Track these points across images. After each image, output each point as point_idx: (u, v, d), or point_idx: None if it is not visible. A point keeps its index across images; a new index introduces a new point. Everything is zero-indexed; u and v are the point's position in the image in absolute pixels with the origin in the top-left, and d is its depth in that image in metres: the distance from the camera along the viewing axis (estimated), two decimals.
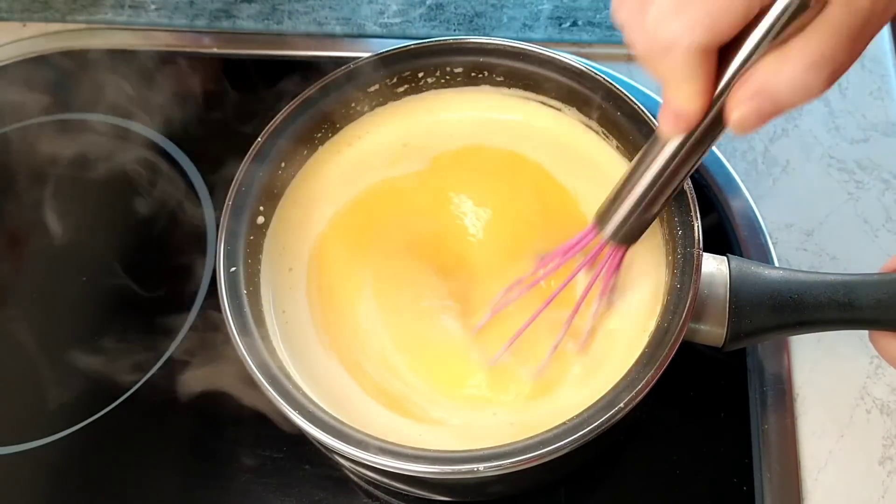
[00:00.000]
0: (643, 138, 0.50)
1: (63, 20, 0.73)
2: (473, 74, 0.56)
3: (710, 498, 0.50)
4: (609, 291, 0.48)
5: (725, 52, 0.34)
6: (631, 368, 0.44)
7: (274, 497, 0.52)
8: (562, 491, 0.51)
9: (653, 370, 0.43)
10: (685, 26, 0.33)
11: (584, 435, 0.41)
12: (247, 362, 0.45)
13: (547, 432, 0.42)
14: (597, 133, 0.55)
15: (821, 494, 0.50)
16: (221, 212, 0.50)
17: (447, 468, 0.42)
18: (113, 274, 0.61)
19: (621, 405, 0.42)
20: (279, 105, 0.53)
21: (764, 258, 0.57)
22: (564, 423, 0.42)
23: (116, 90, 0.70)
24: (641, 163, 0.41)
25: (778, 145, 0.63)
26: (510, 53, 0.54)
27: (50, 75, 0.72)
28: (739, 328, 0.47)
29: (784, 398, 0.53)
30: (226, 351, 0.46)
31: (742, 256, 0.56)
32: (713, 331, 0.47)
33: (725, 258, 0.48)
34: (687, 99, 0.35)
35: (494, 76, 0.56)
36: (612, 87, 0.52)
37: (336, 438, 0.42)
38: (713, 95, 0.35)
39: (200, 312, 0.58)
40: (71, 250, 0.62)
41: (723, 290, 0.47)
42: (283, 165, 0.53)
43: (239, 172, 0.51)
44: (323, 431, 0.43)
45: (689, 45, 0.33)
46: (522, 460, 0.41)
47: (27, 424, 0.56)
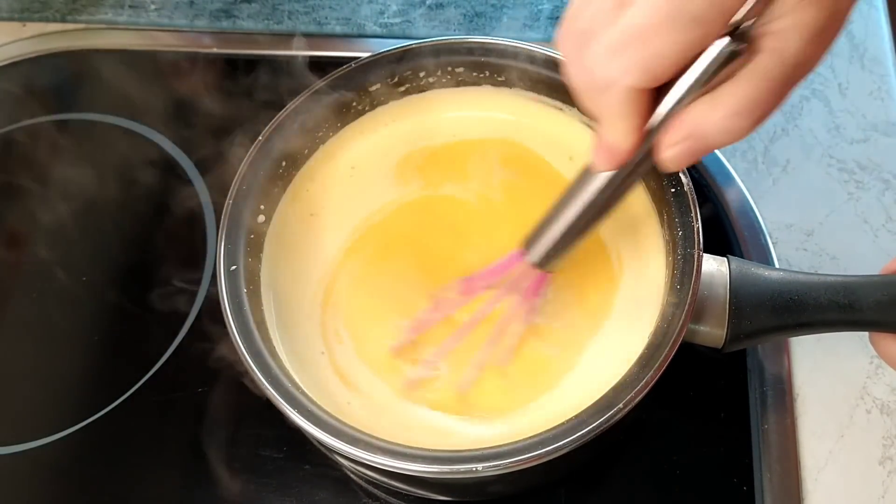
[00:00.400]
0: None
1: (63, 20, 0.73)
2: (474, 74, 0.56)
3: (710, 498, 0.50)
4: (532, 315, 0.48)
5: (659, 93, 0.36)
6: (630, 369, 0.44)
7: (274, 497, 0.52)
8: (562, 491, 0.51)
9: (652, 371, 0.43)
10: (623, 68, 0.34)
11: (584, 435, 0.41)
12: (247, 362, 0.45)
13: (547, 432, 0.42)
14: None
15: (821, 494, 0.50)
16: (221, 211, 0.50)
17: (447, 468, 0.42)
18: (113, 273, 0.61)
19: (620, 405, 0.42)
20: (280, 105, 0.53)
21: (764, 258, 0.57)
22: (564, 423, 0.42)
23: (116, 90, 0.70)
24: (572, 194, 0.42)
25: (778, 145, 0.63)
26: (510, 53, 0.54)
27: (50, 75, 0.72)
28: (739, 329, 0.47)
29: (784, 398, 0.53)
30: (225, 350, 0.46)
31: (742, 256, 0.56)
32: (713, 332, 0.47)
33: (726, 259, 0.48)
34: (620, 136, 0.37)
35: (495, 76, 0.56)
36: None
37: (336, 438, 0.42)
38: (644, 135, 0.37)
39: (200, 311, 0.58)
40: (71, 250, 0.62)
41: (723, 291, 0.47)
42: (284, 164, 0.53)
43: (239, 171, 0.51)
44: (323, 431, 0.43)
45: (625, 86, 0.35)
46: (522, 460, 0.41)
47: (27, 424, 0.56)
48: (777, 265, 0.57)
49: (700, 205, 0.47)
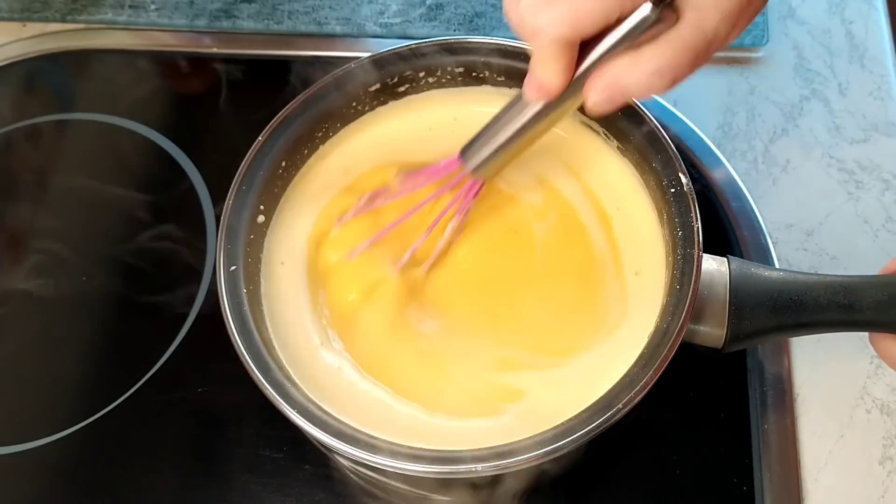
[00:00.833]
0: (644, 138, 0.51)
1: (63, 20, 0.73)
2: (474, 74, 0.56)
3: (710, 498, 0.50)
4: (463, 217, 0.51)
5: (588, 44, 0.40)
6: (630, 369, 0.44)
7: (274, 497, 0.52)
8: (562, 491, 0.51)
9: (652, 371, 0.43)
10: (551, 19, 0.38)
11: (584, 435, 0.41)
12: (246, 362, 0.45)
13: (546, 432, 0.42)
14: (597, 133, 0.54)
15: (821, 494, 0.50)
16: (221, 211, 0.50)
17: (447, 468, 0.42)
18: (113, 273, 0.61)
19: (620, 405, 0.42)
20: (279, 104, 0.53)
21: (764, 258, 0.57)
22: (564, 423, 0.42)
23: (116, 90, 0.70)
24: (506, 114, 0.46)
25: (778, 145, 0.63)
26: (510, 53, 0.54)
27: (50, 75, 0.72)
28: (739, 329, 0.47)
29: (784, 398, 0.53)
30: (225, 350, 0.46)
31: (742, 256, 0.56)
32: (713, 332, 0.47)
33: (725, 259, 0.48)
34: (549, 76, 0.41)
35: (495, 76, 0.56)
36: None
37: (336, 438, 0.43)
38: (572, 77, 0.41)
39: (200, 311, 0.58)
40: (71, 250, 0.62)
41: (723, 291, 0.47)
42: (284, 164, 0.53)
43: (239, 171, 0.51)
44: (323, 431, 0.43)
45: (554, 36, 0.39)
46: (522, 460, 0.41)
47: (27, 424, 0.56)
48: (777, 265, 0.57)
49: (700, 205, 0.47)
